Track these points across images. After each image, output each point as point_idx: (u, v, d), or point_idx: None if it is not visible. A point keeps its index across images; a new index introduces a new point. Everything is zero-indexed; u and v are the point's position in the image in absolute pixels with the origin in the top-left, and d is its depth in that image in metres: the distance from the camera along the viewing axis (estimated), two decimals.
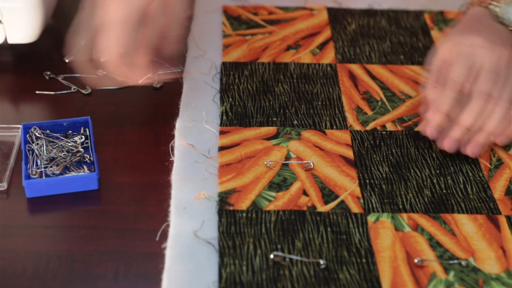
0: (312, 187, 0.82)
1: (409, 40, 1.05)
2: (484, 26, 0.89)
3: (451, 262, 0.75)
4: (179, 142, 0.87)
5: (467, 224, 0.79)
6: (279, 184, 0.82)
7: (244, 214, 0.78)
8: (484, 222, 0.79)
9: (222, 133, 0.88)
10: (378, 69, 1.00)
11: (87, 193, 0.82)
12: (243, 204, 0.80)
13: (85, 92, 0.95)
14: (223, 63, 0.99)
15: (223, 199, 0.80)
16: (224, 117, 0.90)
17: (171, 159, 0.86)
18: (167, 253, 0.74)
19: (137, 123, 0.91)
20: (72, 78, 0.98)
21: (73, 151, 0.85)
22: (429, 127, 0.86)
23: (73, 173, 0.83)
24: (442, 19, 1.10)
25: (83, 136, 0.87)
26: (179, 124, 0.89)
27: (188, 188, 0.81)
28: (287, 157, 0.86)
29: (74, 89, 0.96)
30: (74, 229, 0.78)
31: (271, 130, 0.89)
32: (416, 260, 0.75)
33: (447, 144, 0.85)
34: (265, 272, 0.73)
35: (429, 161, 0.86)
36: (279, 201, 0.80)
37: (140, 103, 0.95)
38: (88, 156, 0.85)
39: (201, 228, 0.77)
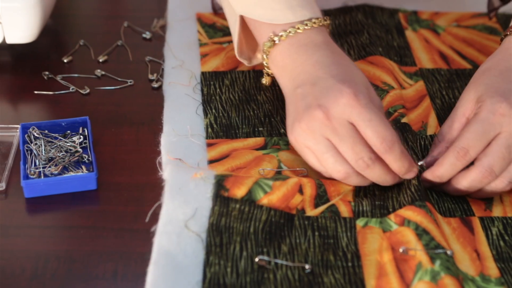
0: (309, 182, 0.80)
1: (385, 36, 1.03)
2: None
3: (436, 251, 0.72)
4: (166, 158, 0.84)
5: (443, 224, 0.77)
6: (277, 176, 0.81)
7: (238, 205, 0.77)
8: (457, 226, 0.78)
9: (209, 145, 0.86)
10: (359, 65, 0.95)
11: (86, 193, 0.82)
12: (239, 190, 0.78)
13: (84, 92, 0.95)
14: (203, 73, 0.96)
15: (220, 181, 0.78)
16: (210, 130, 0.87)
17: None
18: (155, 243, 0.73)
19: (136, 123, 0.91)
20: (71, 78, 0.98)
21: (72, 151, 0.85)
22: (424, 180, 0.81)
23: (71, 173, 0.83)
24: (415, 19, 1.07)
25: (81, 136, 0.87)
26: (164, 140, 0.86)
27: (183, 170, 0.80)
28: (279, 168, 0.83)
29: (72, 89, 0.96)
30: (73, 229, 0.78)
31: (258, 141, 0.87)
32: (401, 250, 0.73)
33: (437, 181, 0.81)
34: (250, 275, 0.71)
35: (418, 153, 0.84)
36: (273, 195, 0.78)
37: (139, 103, 0.95)
38: (87, 156, 0.85)
39: (193, 216, 0.75)
